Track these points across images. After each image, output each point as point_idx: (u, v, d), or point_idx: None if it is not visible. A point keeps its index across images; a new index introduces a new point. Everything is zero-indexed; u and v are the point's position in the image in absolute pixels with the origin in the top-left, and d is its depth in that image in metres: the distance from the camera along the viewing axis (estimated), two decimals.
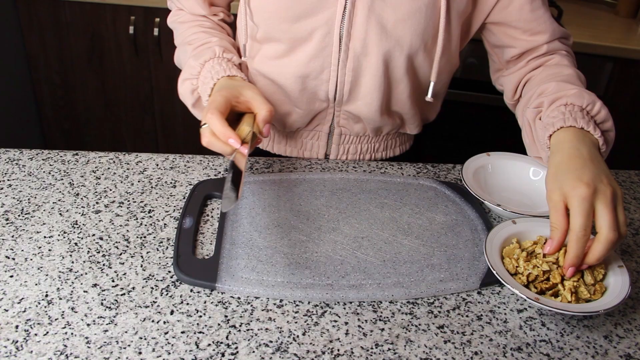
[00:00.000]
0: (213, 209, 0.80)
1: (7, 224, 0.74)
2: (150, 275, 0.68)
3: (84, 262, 0.69)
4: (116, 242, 0.73)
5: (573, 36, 0.93)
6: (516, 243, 0.72)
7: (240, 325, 0.62)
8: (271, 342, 0.61)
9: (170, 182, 0.85)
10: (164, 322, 0.62)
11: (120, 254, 0.71)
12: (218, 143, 0.70)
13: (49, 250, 0.70)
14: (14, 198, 0.79)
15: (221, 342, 0.60)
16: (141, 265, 0.69)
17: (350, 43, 0.82)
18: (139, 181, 0.85)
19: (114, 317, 0.62)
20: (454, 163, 0.96)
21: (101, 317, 0.62)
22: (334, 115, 0.92)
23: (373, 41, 0.81)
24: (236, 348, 0.60)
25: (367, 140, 0.97)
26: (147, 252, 0.71)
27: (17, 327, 0.60)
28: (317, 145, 0.97)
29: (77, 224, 0.75)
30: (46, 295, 0.64)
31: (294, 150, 0.99)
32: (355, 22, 0.81)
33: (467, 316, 0.66)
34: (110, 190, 0.82)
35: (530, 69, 0.89)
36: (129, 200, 0.80)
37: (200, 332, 0.61)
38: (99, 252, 0.71)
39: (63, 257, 0.69)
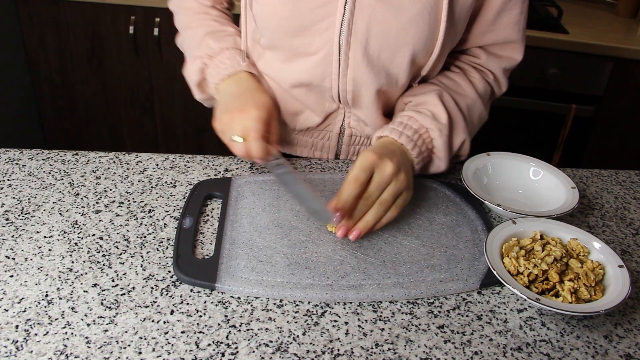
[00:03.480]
0: (213, 209, 0.80)
1: (7, 224, 0.74)
2: (150, 275, 0.68)
3: (84, 262, 0.69)
4: (116, 242, 0.73)
5: (573, 36, 0.94)
6: (515, 240, 0.73)
7: (240, 325, 0.62)
8: (271, 342, 0.61)
9: (170, 182, 0.85)
10: (164, 322, 0.62)
11: (120, 254, 0.71)
12: (247, 158, 0.81)
13: (49, 250, 0.70)
14: (14, 198, 0.79)
15: (221, 342, 0.60)
16: (141, 265, 0.69)
17: (350, 52, 0.81)
18: (139, 181, 0.85)
19: (114, 317, 0.62)
20: (454, 163, 0.96)
21: (101, 317, 0.62)
22: (345, 117, 0.92)
23: (374, 50, 0.80)
24: (236, 348, 0.60)
25: None
26: (147, 252, 0.71)
27: (17, 327, 0.60)
28: (328, 146, 0.97)
29: (77, 224, 0.75)
30: (46, 295, 0.64)
31: (304, 151, 0.99)
32: (355, 31, 0.79)
33: (467, 316, 0.66)
34: (110, 190, 0.82)
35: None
36: (129, 200, 0.80)
37: (200, 332, 0.61)
38: (99, 252, 0.71)
39: (63, 257, 0.69)
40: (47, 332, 0.59)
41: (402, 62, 0.81)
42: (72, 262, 0.69)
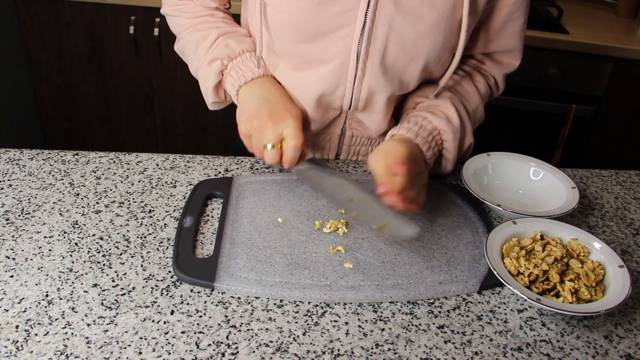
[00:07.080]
0: (213, 209, 0.80)
1: (8, 224, 0.74)
2: (150, 275, 0.68)
3: (84, 262, 0.69)
4: (116, 242, 0.73)
5: (573, 36, 0.94)
6: (516, 240, 0.73)
7: (240, 325, 0.62)
8: (271, 342, 0.61)
9: (171, 182, 0.85)
10: (164, 322, 0.62)
11: (121, 254, 0.71)
12: (276, 163, 0.81)
13: (49, 250, 0.70)
14: (14, 198, 0.79)
15: (221, 342, 0.60)
16: (141, 265, 0.69)
17: (368, 61, 0.80)
18: (139, 181, 0.85)
19: (114, 317, 0.62)
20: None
21: (101, 317, 0.62)
22: (346, 119, 0.91)
23: (390, 59, 0.79)
24: (236, 348, 0.60)
25: (378, 142, 0.96)
26: (148, 252, 0.71)
27: (17, 327, 0.60)
28: (329, 147, 0.96)
29: (77, 224, 0.75)
30: (46, 295, 0.64)
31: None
32: (374, 40, 0.78)
33: (467, 316, 0.66)
34: (111, 190, 0.82)
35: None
36: (129, 200, 0.80)
37: (200, 332, 0.61)
38: (99, 252, 0.71)
39: (63, 257, 0.69)
40: (47, 332, 0.59)
41: (414, 70, 0.81)
42: (73, 262, 0.69)
